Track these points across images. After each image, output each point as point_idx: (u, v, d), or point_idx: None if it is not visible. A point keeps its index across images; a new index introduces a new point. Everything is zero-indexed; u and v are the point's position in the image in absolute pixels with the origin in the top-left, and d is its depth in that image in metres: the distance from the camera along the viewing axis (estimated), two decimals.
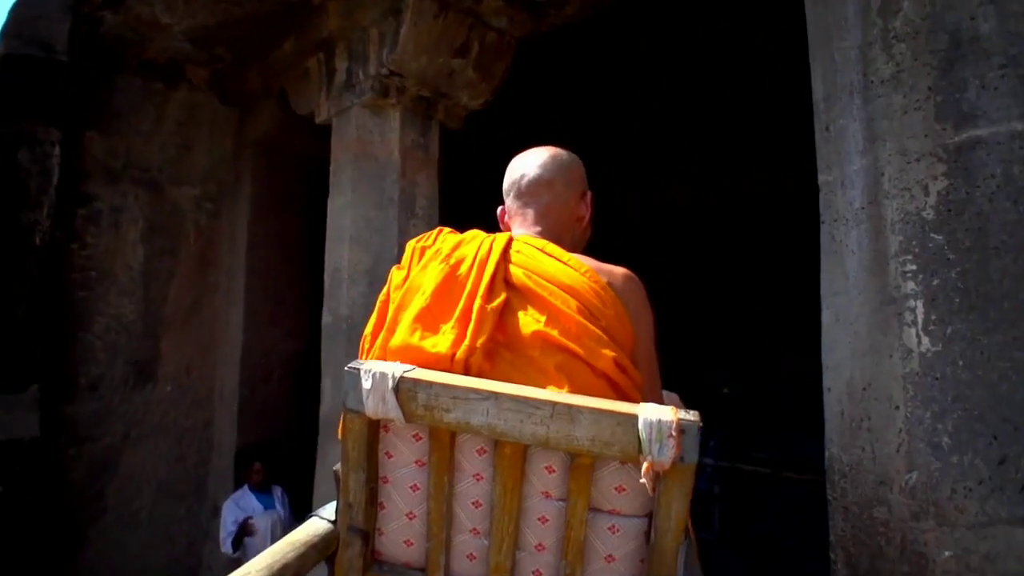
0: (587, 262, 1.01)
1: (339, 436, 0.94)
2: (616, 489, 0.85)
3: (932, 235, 1.15)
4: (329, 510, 1.02)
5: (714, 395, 4.81)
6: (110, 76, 3.33)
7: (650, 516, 0.85)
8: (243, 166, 3.91)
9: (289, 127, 3.72)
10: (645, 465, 0.78)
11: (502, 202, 1.19)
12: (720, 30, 3.41)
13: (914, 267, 1.17)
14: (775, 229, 4.69)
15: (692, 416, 0.79)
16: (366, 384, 0.85)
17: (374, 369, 0.86)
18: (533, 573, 0.89)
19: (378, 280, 2.86)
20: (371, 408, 0.85)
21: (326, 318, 2.99)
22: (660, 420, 0.77)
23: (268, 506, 3.36)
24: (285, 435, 3.68)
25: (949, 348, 1.11)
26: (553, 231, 1.10)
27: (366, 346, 1.03)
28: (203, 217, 3.84)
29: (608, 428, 0.79)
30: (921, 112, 1.18)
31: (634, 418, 0.78)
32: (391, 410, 0.85)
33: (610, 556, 0.87)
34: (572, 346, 0.91)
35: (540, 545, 0.88)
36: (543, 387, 0.87)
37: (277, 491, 3.48)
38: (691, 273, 4.88)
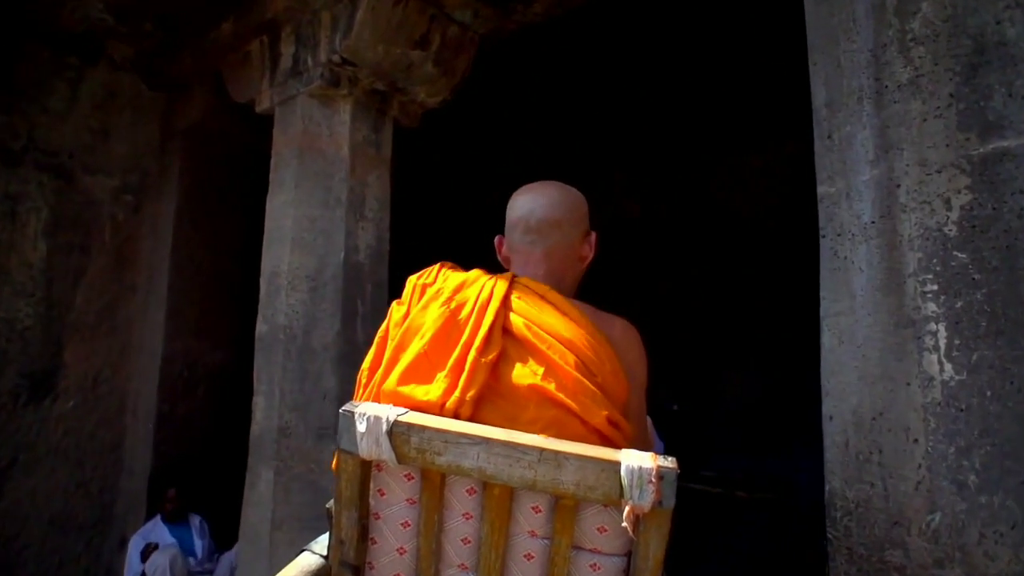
0: (587, 312, 1.02)
1: (334, 471, 0.97)
2: (598, 529, 0.90)
3: (955, 253, 1.06)
4: (321, 545, 1.06)
5: (662, 412, 4.77)
6: (13, 43, 2.91)
7: (629, 555, 0.90)
8: (171, 157, 3.54)
9: (225, 116, 3.40)
10: (627, 509, 0.83)
11: (500, 230, 1.18)
12: (687, 40, 3.38)
13: (935, 287, 1.07)
14: (725, 244, 4.73)
15: (670, 463, 0.84)
16: (360, 427, 0.88)
17: (368, 412, 0.89)
18: None
19: (322, 286, 2.60)
20: (365, 450, 0.89)
21: (261, 327, 2.69)
22: (641, 467, 0.82)
23: (182, 539, 2.97)
24: (209, 456, 3.30)
25: (975, 377, 1.02)
26: (556, 272, 1.11)
27: (363, 380, 1.04)
28: (121, 211, 3.43)
29: (592, 473, 0.84)
30: (942, 120, 1.10)
31: (617, 464, 0.83)
32: (384, 452, 0.88)
33: None
34: (568, 402, 0.93)
35: None
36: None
37: (195, 521, 3.10)
38: (640, 287, 4.85)
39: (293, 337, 2.56)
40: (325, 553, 1.02)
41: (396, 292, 3.21)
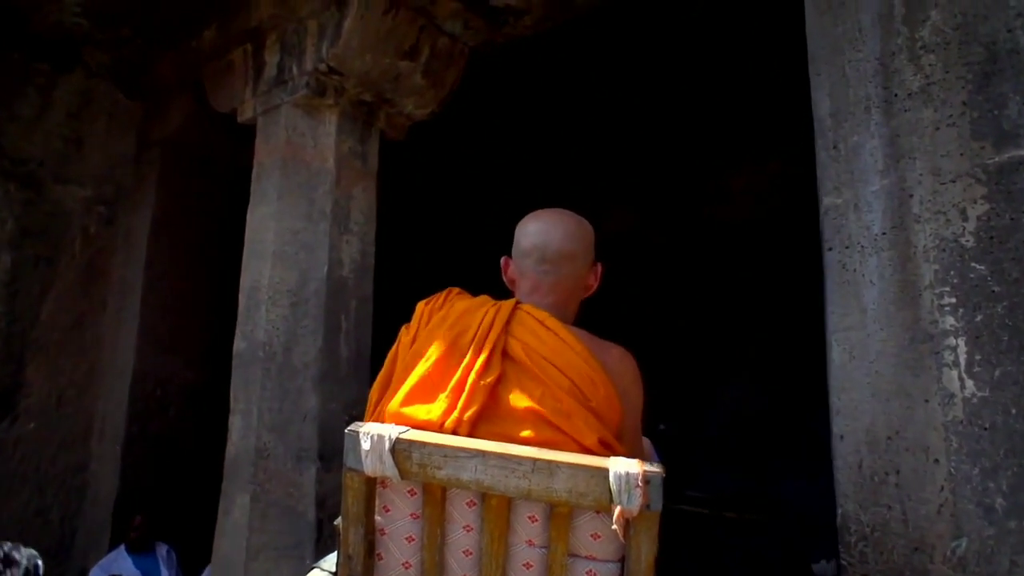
0: (584, 339, 1.06)
1: (342, 492, 1.00)
2: (592, 536, 0.94)
3: (973, 264, 1.02)
4: (330, 562, 1.10)
5: (651, 434, 4.70)
6: None
7: (622, 561, 0.93)
8: (147, 168, 3.42)
9: (205, 126, 3.30)
10: (616, 512, 0.87)
11: (507, 251, 1.20)
12: (675, 61, 3.40)
13: (953, 300, 1.03)
14: (713, 263, 4.73)
15: (656, 468, 0.88)
16: (365, 445, 0.93)
17: (372, 432, 0.94)
18: None
19: (304, 302, 2.50)
20: (370, 467, 0.93)
21: (239, 344, 2.57)
22: (628, 472, 0.86)
23: (147, 570, 2.79)
24: (180, 480, 3.14)
25: (999, 393, 0.98)
26: (561, 302, 1.14)
27: (373, 399, 1.10)
28: (94, 223, 3.30)
29: (583, 480, 0.88)
30: (955, 129, 1.07)
31: (605, 471, 0.87)
32: (388, 469, 0.93)
33: None
34: (562, 424, 0.97)
35: None
36: None
37: (162, 550, 2.92)
38: (627, 305, 4.81)
39: (273, 354, 2.45)
40: (334, 570, 1.05)
41: (381, 308, 3.10)
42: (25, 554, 0.76)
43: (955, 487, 0.99)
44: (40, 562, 0.69)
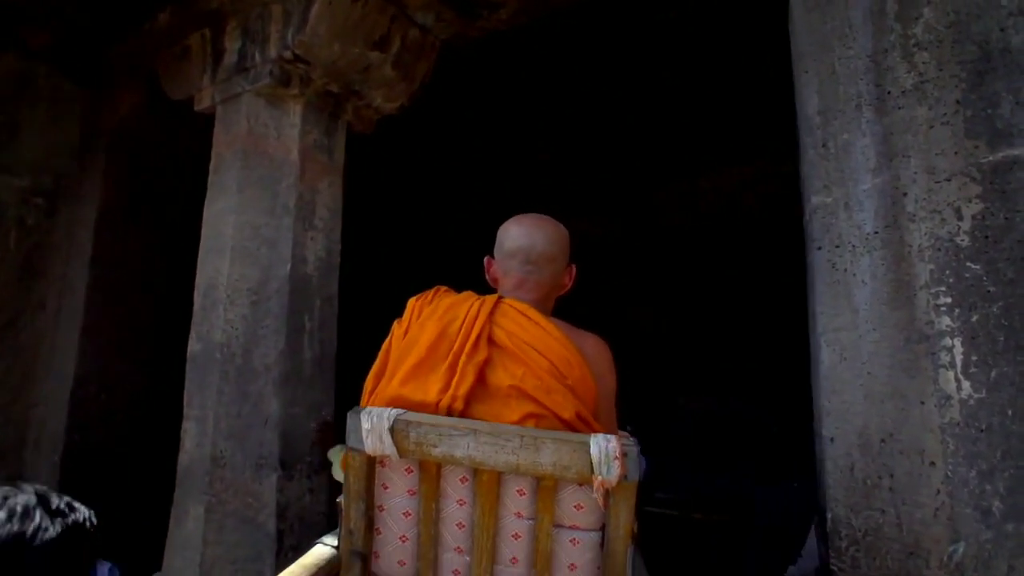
0: (562, 327, 1.17)
1: (341, 471, 1.12)
2: (575, 507, 1.03)
3: (968, 264, 1.01)
4: (333, 537, 1.19)
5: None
6: None
7: (603, 529, 1.03)
8: (93, 158, 3.19)
9: (158, 115, 3.11)
10: (597, 483, 0.95)
11: (489, 251, 1.33)
12: (644, 66, 3.39)
13: (949, 300, 1.02)
14: (677, 266, 4.77)
15: (632, 442, 0.97)
16: (366, 426, 1.01)
17: (372, 413, 1.02)
18: None
19: (265, 300, 2.37)
20: (370, 446, 1.01)
21: (194, 345, 2.42)
22: (607, 445, 0.95)
23: None
24: (127, 492, 2.94)
25: (995, 395, 0.96)
26: (541, 298, 1.27)
27: (369, 387, 1.17)
28: (31, 215, 3.06)
29: (567, 454, 0.96)
30: (949, 127, 1.06)
31: (587, 444, 0.96)
32: (387, 447, 1.00)
33: (572, 565, 1.04)
34: (542, 399, 1.06)
35: (514, 559, 1.05)
36: None
37: (103, 569, 2.70)
38: (594, 307, 4.80)
39: (231, 356, 2.31)
40: (336, 543, 1.14)
41: (347, 307, 2.97)
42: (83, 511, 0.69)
43: (952, 490, 0.98)
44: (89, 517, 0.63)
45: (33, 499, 0.58)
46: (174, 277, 2.97)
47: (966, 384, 0.98)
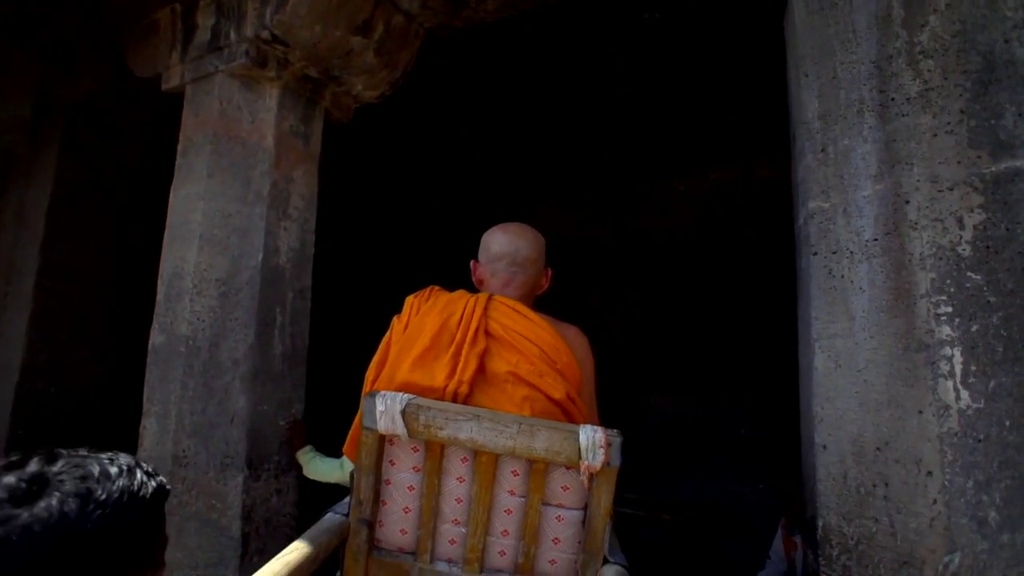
0: (548, 320, 1.31)
1: (345, 452, 1.32)
2: (562, 488, 1.14)
3: (969, 274, 1.01)
4: (343, 506, 1.27)
5: None
6: None
7: (585, 508, 1.13)
8: (48, 135, 3.01)
9: (121, 93, 2.95)
10: (583, 467, 1.06)
11: (472, 254, 1.46)
12: (636, 58, 3.38)
13: (949, 309, 1.02)
14: (652, 269, 4.79)
15: (615, 433, 1.07)
16: (380, 408, 1.10)
17: (387, 397, 1.11)
18: (499, 553, 1.18)
19: (234, 292, 2.26)
20: (383, 426, 1.11)
21: (156, 337, 2.29)
22: (594, 435, 1.05)
23: None
24: None
25: (993, 405, 0.96)
26: (525, 295, 1.41)
27: (371, 377, 1.28)
28: None
29: (558, 441, 1.07)
30: (953, 136, 1.06)
31: (576, 433, 1.06)
32: (398, 428, 1.10)
33: (556, 539, 1.16)
34: (536, 382, 1.19)
35: (505, 531, 1.17)
36: (512, 412, 1.15)
37: None
38: (567, 308, 4.79)
39: (196, 349, 2.19)
40: (346, 512, 1.24)
41: (320, 300, 2.87)
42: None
43: (949, 500, 0.97)
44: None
45: (132, 460, 0.70)
46: (135, 264, 2.82)
47: (965, 394, 0.98)
